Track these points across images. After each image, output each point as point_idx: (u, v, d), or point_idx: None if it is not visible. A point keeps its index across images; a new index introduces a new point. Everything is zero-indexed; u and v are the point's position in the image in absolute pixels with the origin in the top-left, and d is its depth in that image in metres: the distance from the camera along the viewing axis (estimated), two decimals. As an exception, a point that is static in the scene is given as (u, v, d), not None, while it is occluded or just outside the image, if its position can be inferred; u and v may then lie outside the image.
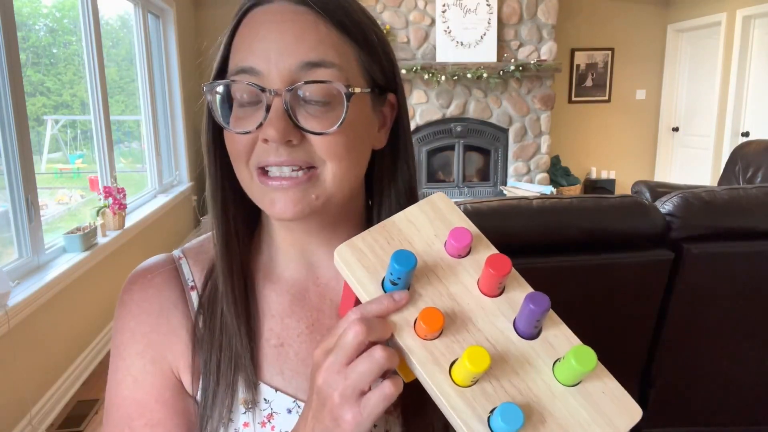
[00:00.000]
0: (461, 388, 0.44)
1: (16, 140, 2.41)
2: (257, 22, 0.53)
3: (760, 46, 5.13)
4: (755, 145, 3.66)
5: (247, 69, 0.52)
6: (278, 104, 0.51)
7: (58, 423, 2.47)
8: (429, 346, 0.45)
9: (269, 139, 0.51)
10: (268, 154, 0.52)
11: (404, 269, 0.44)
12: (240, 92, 0.53)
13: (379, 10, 5.27)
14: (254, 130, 0.52)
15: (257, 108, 0.52)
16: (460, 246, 0.49)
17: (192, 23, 5.49)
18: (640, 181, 3.49)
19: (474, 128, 5.60)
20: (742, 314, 1.80)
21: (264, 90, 0.51)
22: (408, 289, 0.47)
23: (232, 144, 0.55)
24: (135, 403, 0.59)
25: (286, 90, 0.51)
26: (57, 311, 2.57)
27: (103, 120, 3.48)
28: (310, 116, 0.52)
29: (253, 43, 0.52)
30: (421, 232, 0.51)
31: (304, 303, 0.62)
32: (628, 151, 6.50)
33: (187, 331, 0.59)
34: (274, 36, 0.51)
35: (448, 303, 0.47)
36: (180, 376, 0.60)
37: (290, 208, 0.53)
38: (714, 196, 1.72)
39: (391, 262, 0.45)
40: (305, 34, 0.51)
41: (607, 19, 6.15)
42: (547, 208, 1.64)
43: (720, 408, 1.96)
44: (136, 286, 0.61)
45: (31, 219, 2.53)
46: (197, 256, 0.64)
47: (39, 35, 3.37)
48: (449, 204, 0.53)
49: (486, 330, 0.47)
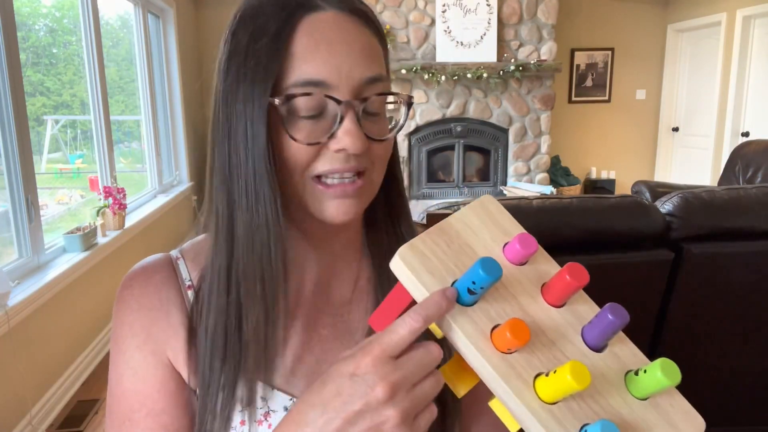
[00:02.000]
0: (549, 405, 0.42)
1: (16, 140, 2.41)
2: (319, 31, 0.52)
3: (760, 46, 5.13)
4: (755, 145, 3.66)
5: (320, 82, 0.52)
6: (352, 116, 0.52)
7: (58, 423, 2.46)
8: (509, 359, 0.43)
9: (348, 149, 0.52)
10: (336, 163, 0.53)
11: (491, 278, 0.42)
12: (306, 104, 0.52)
13: (379, 10, 5.27)
14: (325, 140, 0.53)
15: (319, 119, 0.53)
16: (527, 253, 0.47)
17: (192, 23, 5.49)
18: (640, 181, 3.49)
19: (474, 128, 5.60)
20: (742, 314, 1.80)
21: (340, 102, 0.52)
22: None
23: (292, 155, 0.53)
24: (136, 395, 0.59)
25: (358, 101, 0.53)
26: (57, 311, 2.57)
27: (103, 120, 3.48)
28: (371, 124, 0.54)
29: (323, 55, 0.52)
30: (479, 236, 0.49)
31: (303, 301, 0.62)
32: (628, 151, 6.50)
33: (185, 328, 0.59)
34: (343, 49, 0.52)
35: (519, 314, 0.45)
36: (179, 370, 0.60)
37: (351, 211, 0.55)
38: (714, 196, 1.72)
39: (476, 270, 0.42)
40: (367, 49, 0.54)
41: (607, 19, 6.15)
42: (547, 208, 1.63)
43: (720, 408, 1.96)
44: (135, 283, 0.61)
45: (31, 219, 2.53)
46: (195, 257, 0.63)
47: (39, 35, 3.37)
48: (499, 207, 0.51)
49: (559, 342, 0.45)
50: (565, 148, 6.27)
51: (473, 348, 0.42)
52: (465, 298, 0.44)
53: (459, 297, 0.44)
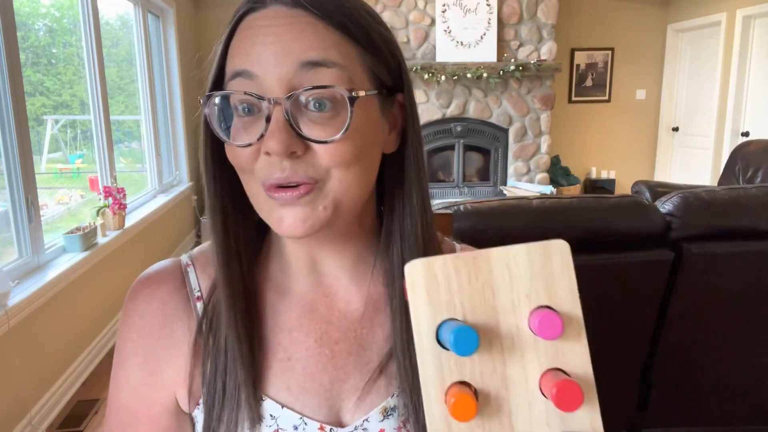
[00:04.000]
0: None
1: (16, 140, 2.41)
2: (252, 27, 0.50)
3: (760, 46, 5.13)
4: (755, 145, 3.66)
5: (242, 72, 0.49)
6: (279, 114, 0.47)
7: (58, 423, 2.46)
8: (451, 423, 0.39)
9: (271, 152, 0.48)
10: (273, 169, 0.49)
11: (459, 353, 0.38)
12: (238, 102, 0.50)
13: (379, 10, 5.27)
14: (255, 141, 0.49)
15: (257, 117, 0.50)
16: (542, 334, 0.40)
17: (192, 23, 5.49)
18: (640, 181, 3.49)
19: (474, 128, 5.60)
20: (742, 314, 1.80)
21: (262, 99, 0.48)
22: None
23: (234, 158, 0.51)
24: (128, 413, 0.60)
25: (286, 98, 0.48)
26: (57, 311, 2.57)
27: (103, 120, 3.48)
28: (313, 123, 0.49)
29: (249, 46, 0.49)
30: (513, 284, 0.41)
31: (313, 315, 0.60)
32: (628, 151, 6.50)
33: (189, 344, 0.58)
34: (270, 39, 0.48)
35: (496, 383, 0.40)
36: (176, 392, 0.59)
37: (300, 226, 0.50)
38: (714, 196, 1.72)
39: (451, 337, 0.38)
40: (303, 34, 0.48)
41: (607, 19, 6.15)
42: (547, 208, 1.63)
43: (720, 408, 1.96)
44: (140, 295, 0.60)
45: (31, 219, 2.53)
46: (205, 265, 0.62)
47: (38, 35, 3.37)
48: (566, 261, 0.42)
49: (519, 430, 0.41)
50: (565, 148, 6.27)
51: (423, 391, 0.40)
52: (441, 342, 0.40)
53: (437, 337, 0.40)
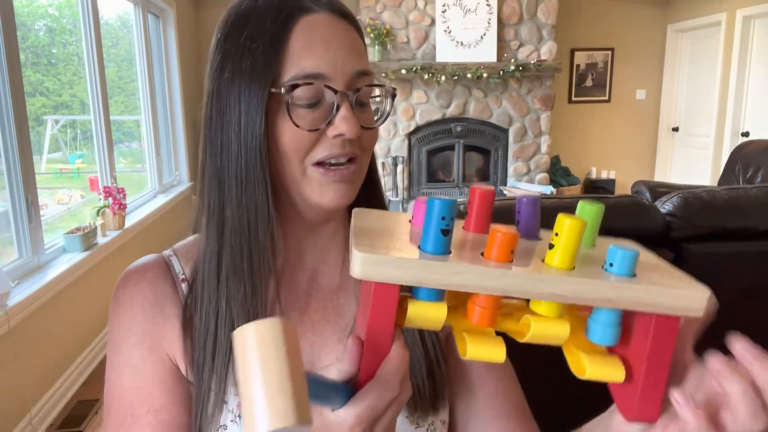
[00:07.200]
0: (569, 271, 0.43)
1: (16, 140, 2.41)
2: (314, 29, 0.57)
3: (760, 46, 5.13)
4: (755, 145, 3.66)
5: (318, 75, 0.56)
6: (347, 104, 0.57)
7: (58, 423, 2.47)
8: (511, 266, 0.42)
9: (346, 134, 0.56)
10: (334, 148, 0.58)
11: (453, 200, 0.41)
12: (305, 94, 0.56)
13: (379, 10, 5.27)
14: (324, 126, 0.57)
15: (316, 108, 0.57)
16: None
17: (192, 23, 5.49)
18: (640, 181, 3.49)
19: (474, 128, 5.60)
20: (742, 314, 1.79)
21: (336, 92, 0.56)
22: None
23: (294, 142, 0.57)
24: (136, 392, 0.60)
25: (351, 92, 0.57)
26: (57, 311, 2.57)
27: (103, 120, 3.48)
28: (361, 114, 0.59)
29: (320, 50, 0.56)
30: (385, 220, 0.50)
31: (293, 288, 0.65)
32: (628, 151, 6.50)
33: (180, 321, 0.62)
34: (337, 45, 0.57)
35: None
36: (176, 362, 0.62)
37: (347, 196, 0.60)
38: (714, 196, 1.72)
39: (434, 207, 0.41)
40: (355, 46, 0.59)
41: (607, 19, 6.15)
42: (546, 208, 1.63)
43: (720, 408, 1.96)
44: (129, 282, 0.63)
45: (31, 219, 2.53)
46: (187, 253, 0.66)
47: (38, 35, 3.37)
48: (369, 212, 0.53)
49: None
50: (565, 148, 6.27)
51: (487, 272, 0.41)
52: (442, 244, 0.42)
53: (435, 250, 0.42)
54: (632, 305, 0.42)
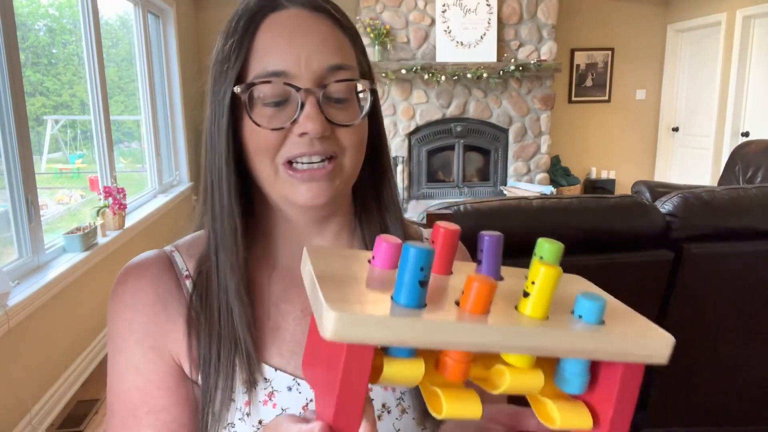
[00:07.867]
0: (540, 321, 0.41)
1: (16, 140, 2.41)
2: (280, 26, 0.57)
3: (760, 46, 5.13)
4: (755, 145, 3.66)
5: (280, 72, 0.56)
6: (313, 101, 0.56)
7: (58, 423, 2.46)
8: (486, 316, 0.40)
9: (309, 133, 0.56)
10: (301, 147, 0.57)
11: (431, 249, 0.37)
12: (268, 92, 0.57)
13: (379, 10, 5.27)
14: (288, 125, 0.56)
15: (283, 107, 0.57)
16: (393, 253, 0.42)
17: (192, 23, 5.49)
18: (640, 181, 3.49)
19: (474, 128, 5.60)
20: (742, 314, 1.80)
21: (299, 89, 0.56)
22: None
23: (260, 141, 0.57)
24: (138, 392, 0.60)
25: (318, 88, 0.56)
26: (57, 311, 2.57)
27: (102, 120, 3.48)
28: (336, 111, 0.58)
29: (282, 47, 0.56)
30: (347, 260, 0.45)
31: (297, 288, 0.64)
32: (628, 151, 6.50)
33: (184, 318, 0.61)
34: (301, 41, 0.56)
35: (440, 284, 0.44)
36: (180, 362, 0.61)
37: (322, 195, 0.58)
38: (714, 196, 1.72)
39: (409, 254, 0.37)
40: (328, 39, 0.57)
41: (607, 19, 6.15)
42: (547, 208, 1.63)
43: (720, 408, 1.96)
44: (129, 278, 0.62)
45: (31, 219, 2.53)
46: (189, 249, 0.66)
47: (38, 35, 3.37)
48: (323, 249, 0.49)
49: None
50: (565, 148, 6.27)
51: (470, 329, 0.38)
52: (418, 296, 0.38)
53: (411, 303, 0.38)
54: (607, 356, 0.41)
